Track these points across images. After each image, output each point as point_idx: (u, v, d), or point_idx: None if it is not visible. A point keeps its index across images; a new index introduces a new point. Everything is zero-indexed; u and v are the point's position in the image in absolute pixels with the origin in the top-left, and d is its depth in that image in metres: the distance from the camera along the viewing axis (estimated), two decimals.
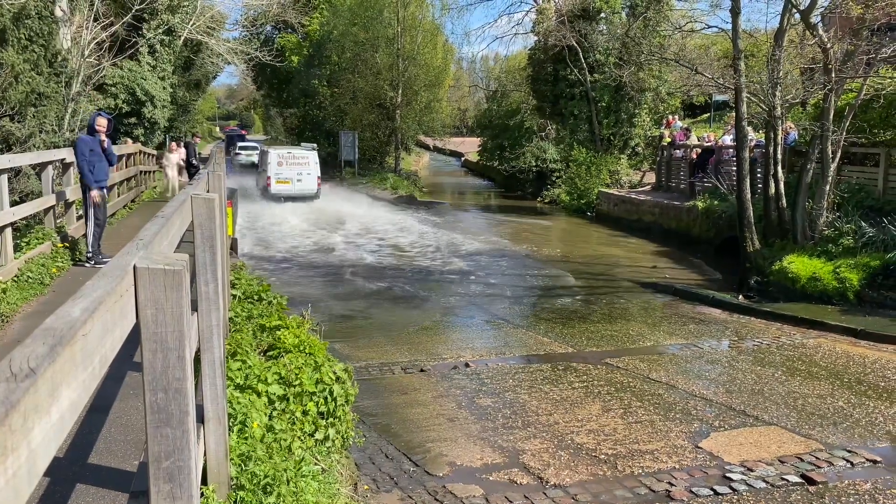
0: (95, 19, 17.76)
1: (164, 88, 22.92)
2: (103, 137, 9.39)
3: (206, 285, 3.33)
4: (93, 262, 9.16)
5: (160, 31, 22.32)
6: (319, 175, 24.51)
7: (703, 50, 24.16)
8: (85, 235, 9.50)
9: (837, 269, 11.74)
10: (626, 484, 5.54)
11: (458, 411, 7.18)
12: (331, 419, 5.03)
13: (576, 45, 25.96)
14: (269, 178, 24.08)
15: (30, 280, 7.84)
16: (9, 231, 7.95)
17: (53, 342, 1.34)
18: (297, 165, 24.20)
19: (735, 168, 15.08)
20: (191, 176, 19.27)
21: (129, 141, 19.25)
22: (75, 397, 1.41)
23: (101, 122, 9.38)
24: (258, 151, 42.29)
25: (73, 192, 10.32)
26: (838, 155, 13.21)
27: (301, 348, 5.53)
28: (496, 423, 6.82)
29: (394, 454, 6.12)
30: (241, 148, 44.03)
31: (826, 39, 12.85)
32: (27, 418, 1.15)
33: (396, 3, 33.44)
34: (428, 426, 6.77)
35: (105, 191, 9.68)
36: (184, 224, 3.61)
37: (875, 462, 5.91)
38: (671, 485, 5.51)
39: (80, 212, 11.06)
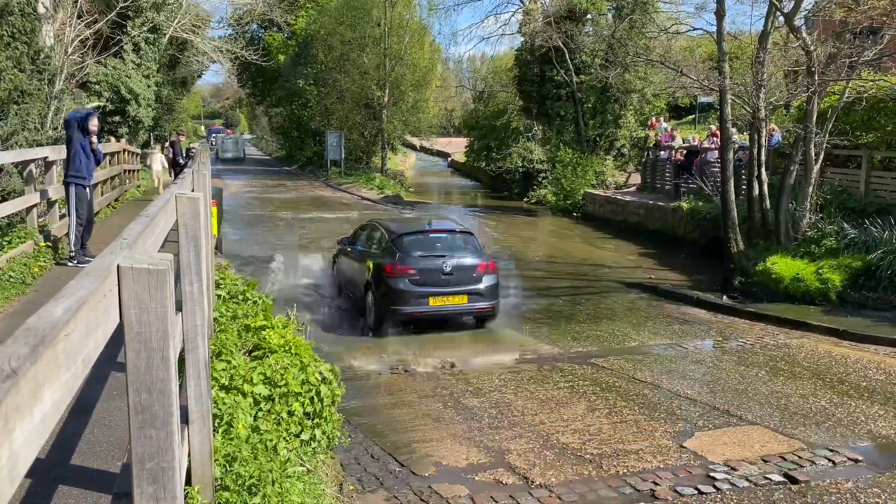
0: (79, 16, 17.61)
1: (148, 87, 22.76)
2: (94, 139, 9.35)
3: (191, 285, 3.31)
4: (76, 262, 9.08)
5: (145, 28, 22.16)
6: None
7: (688, 52, 24.33)
8: (67, 234, 9.42)
9: (820, 270, 11.86)
10: (610, 483, 5.57)
11: (444, 411, 7.18)
12: (316, 420, 5.02)
13: (562, 46, 26.03)
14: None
15: (11, 280, 7.75)
16: None
17: (35, 342, 1.33)
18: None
19: (719, 169, 15.18)
20: (176, 175, 19.15)
21: (114, 139, 19.13)
22: (58, 398, 1.40)
23: (96, 123, 9.36)
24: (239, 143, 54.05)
25: (55, 191, 10.22)
26: (821, 157, 13.34)
27: (287, 348, 5.51)
28: (482, 423, 6.83)
29: (379, 454, 6.12)
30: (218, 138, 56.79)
31: (809, 42, 12.98)
32: (8, 419, 1.14)
33: (384, 2, 33.40)
34: (414, 426, 6.77)
35: (89, 189, 9.60)
36: (168, 223, 3.59)
37: (856, 461, 5.97)
38: (656, 484, 5.54)
39: (63, 210, 10.96)
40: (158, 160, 20.49)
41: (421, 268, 9.94)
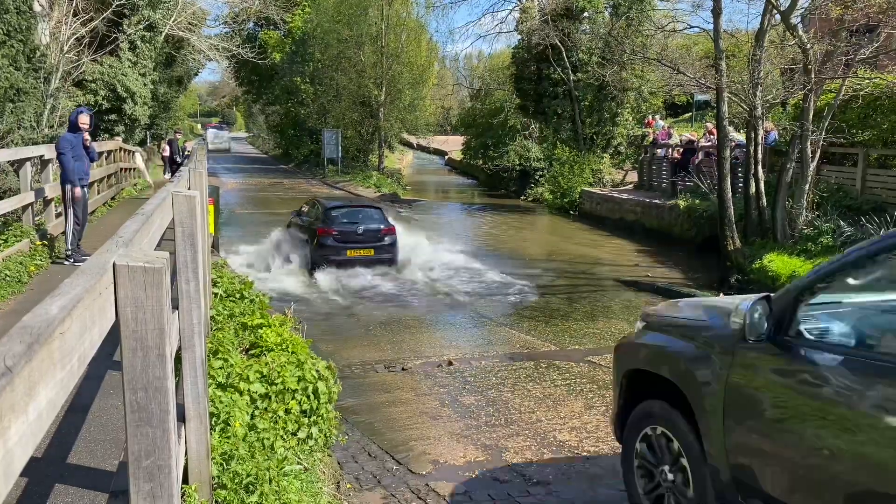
0: (75, 14, 17.57)
1: (144, 85, 22.70)
2: (86, 135, 9.30)
3: (187, 283, 3.31)
4: (72, 260, 9.07)
5: (141, 26, 22.10)
6: None
7: (685, 50, 24.35)
8: (64, 233, 9.40)
9: None
10: (607, 481, 5.57)
11: (442, 409, 7.18)
12: (313, 418, 5.02)
13: (559, 44, 26.03)
14: None
15: (7, 278, 7.74)
16: None
17: (31, 340, 1.32)
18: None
19: (716, 167, 15.20)
20: (173, 173, 19.13)
21: (115, 138, 19.14)
22: (53, 396, 1.40)
23: (84, 119, 9.27)
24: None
25: (51, 190, 10.20)
26: (818, 155, 13.37)
27: (283, 346, 5.51)
28: (479, 421, 6.84)
29: (377, 452, 6.12)
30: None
31: (806, 40, 13.00)
32: (3, 417, 1.14)
33: (380, 0, 33.36)
34: (411, 424, 6.77)
35: (86, 189, 9.58)
36: (164, 221, 3.59)
37: None
38: None
39: (59, 209, 10.94)
40: (139, 158, 21.48)
41: (342, 230, 13.71)
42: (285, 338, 5.68)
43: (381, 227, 13.99)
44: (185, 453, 3.18)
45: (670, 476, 3.98)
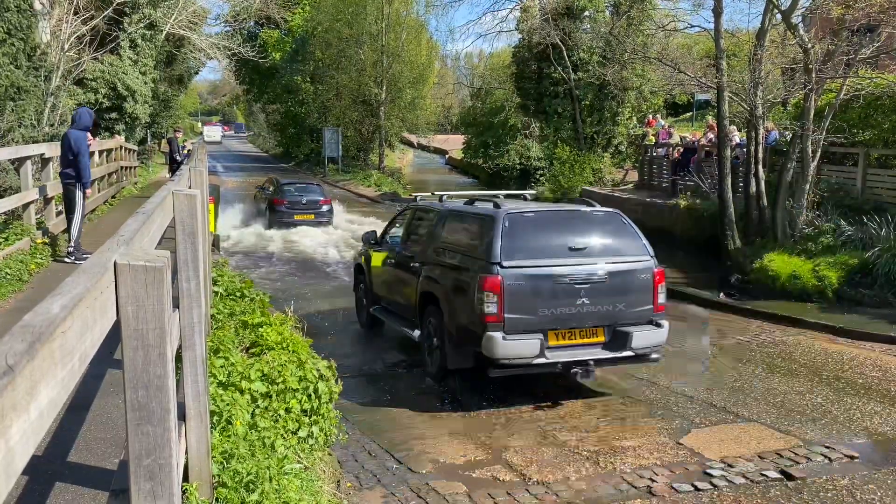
0: (75, 13, 17.57)
1: (145, 83, 22.70)
2: (88, 134, 9.40)
3: (188, 282, 3.31)
4: (73, 258, 9.07)
5: (141, 25, 22.08)
6: None
7: (685, 49, 24.30)
8: (68, 231, 9.41)
9: (817, 268, 11.87)
10: (607, 480, 5.58)
11: (442, 408, 7.19)
12: (314, 417, 5.02)
13: (560, 43, 26.00)
14: None
15: (8, 277, 7.74)
16: None
17: (32, 339, 1.33)
18: None
19: (717, 167, 15.19)
20: (173, 171, 19.13)
21: (117, 136, 19.14)
22: (54, 395, 1.40)
23: (94, 120, 9.47)
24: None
25: (52, 188, 10.20)
26: (818, 154, 13.35)
27: (284, 345, 5.51)
28: (479, 421, 6.84)
29: (377, 451, 6.12)
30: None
31: (807, 40, 12.99)
32: (4, 416, 1.14)
33: None
34: (411, 423, 6.78)
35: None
36: (165, 220, 3.59)
37: (853, 458, 5.98)
38: (652, 481, 5.55)
39: (60, 208, 10.95)
40: None
41: (290, 200, 19.21)
42: (286, 336, 5.68)
43: (320, 198, 19.64)
44: (186, 452, 3.18)
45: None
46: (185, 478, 3.15)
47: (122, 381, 2.06)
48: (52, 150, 10.27)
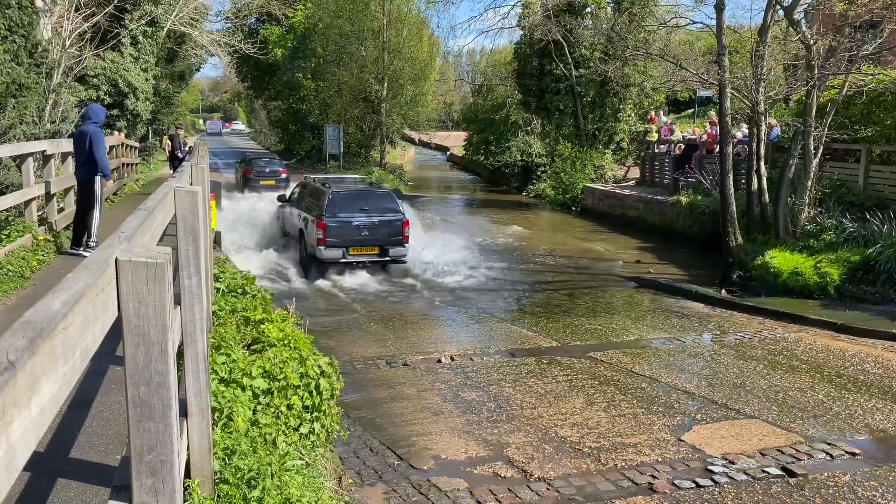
0: (77, 9, 17.54)
1: (146, 80, 22.68)
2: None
3: (190, 278, 3.31)
4: (91, 251, 9.11)
5: (143, 22, 22.05)
6: None
7: (687, 46, 24.29)
8: (86, 228, 9.44)
9: (818, 264, 11.86)
10: (609, 477, 5.58)
11: (443, 405, 7.19)
12: (315, 413, 5.02)
13: (561, 39, 25.96)
14: None
15: (10, 273, 7.74)
16: None
17: (33, 335, 1.33)
18: None
19: (718, 163, 15.18)
20: (175, 168, 19.12)
21: (118, 133, 19.12)
22: (55, 391, 1.40)
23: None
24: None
25: (54, 185, 10.21)
26: (820, 151, 13.33)
27: (285, 342, 5.51)
28: (480, 417, 6.84)
29: (378, 448, 6.13)
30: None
31: (809, 36, 12.96)
32: (6, 412, 1.14)
33: None
34: (412, 420, 6.78)
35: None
36: (167, 217, 3.58)
37: (854, 454, 5.99)
38: (654, 477, 5.55)
39: (62, 204, 10.96)
40: None
41: (256, 171, 24.97)
42: (287, 333, 5.68)
43: (280, 169, 25.57)
44: (188, 448, 3.18)
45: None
46: (187, 474, 3.15)
47: (123, 377, 2.06)
48: (54, 146, 10.26)
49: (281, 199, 16.37)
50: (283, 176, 24.91)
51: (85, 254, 9.20)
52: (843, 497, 5.26)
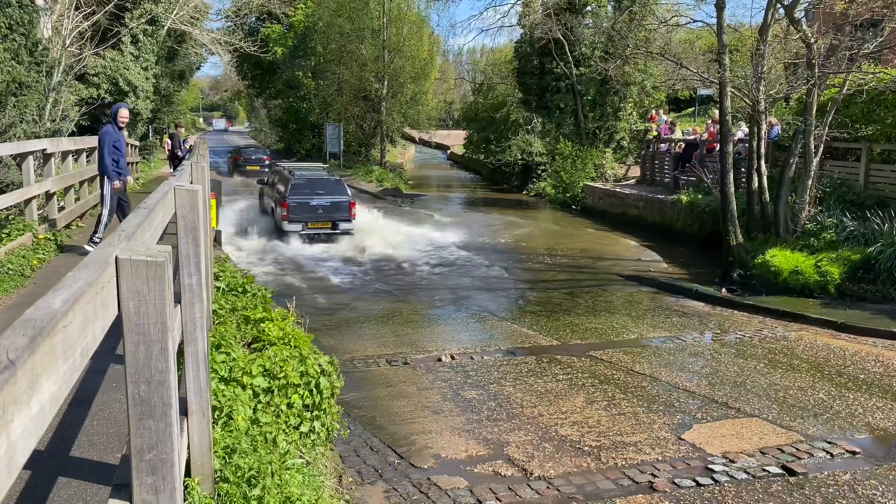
0: (77, 8, 17.54)
1: (147, 79, 22.68)
2: (125, 131, 9.53)
3: (190, 277, 3.31)
4: (94, 248, 9.14)
5: (143, 20, 22.06)
6: None
7: (688, 44, 24.28)
8: (98, 222, 9.52)
9: (819, 263, 11.86)
10: (609, 475, 5.58)
11: (443, 404, 7.19)
12: (316, 412, 5.03)
13: (562, 38, 25.94)
14: None
15: (10, 272, 7.75)
16: None
17: (33, 333, 1.33)
18: None
19: (719, 162, 15.17)
20: (175, 167, 19.12)
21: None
22: (56, 389, 1.40)
23: (125, 114, 9.54)
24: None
25: (55, 183, 10.21)
26: (821, 150, 13.32)
27: (286, 341, 5.51)
28: (481, 416, 6.84)
29: (378, 446, 6.13)
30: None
31: (810, 34, 12.95)
32: (6, 410, 1.14)
33: None
34: (413, 418, 6.78)
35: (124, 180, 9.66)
36: (167, 215, 3.58)
37: (854, 453, 5.99)
38: (654, 476, 5.55)
39: (62, 203, 10.96)
40: None
41: (244, 158, 33.48)
42: (287, 332, 5.68)
43: (264, 157, 32.40)
44: (188, 447, 3.18)
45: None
46: (188, 472, 3.16)
47: (123, 376, 2.06)
48: (54, 145, 10.27)
49: (260, 181, 20.48)
50: (267, 163, 31.35)
51: (86, 247, 9.25)
52: (844, 496, 5.26)
